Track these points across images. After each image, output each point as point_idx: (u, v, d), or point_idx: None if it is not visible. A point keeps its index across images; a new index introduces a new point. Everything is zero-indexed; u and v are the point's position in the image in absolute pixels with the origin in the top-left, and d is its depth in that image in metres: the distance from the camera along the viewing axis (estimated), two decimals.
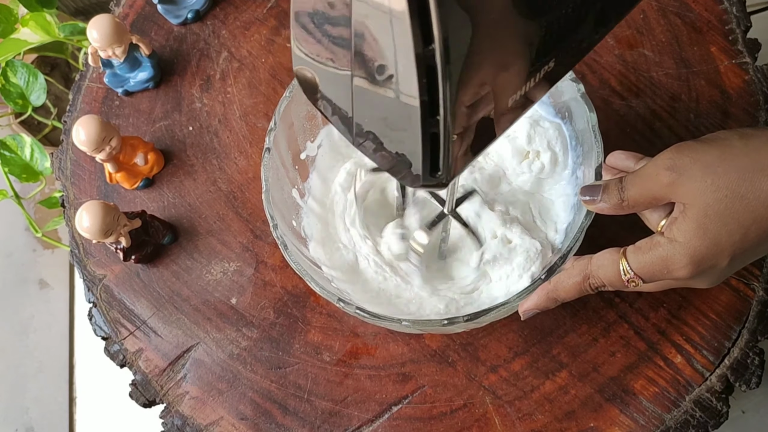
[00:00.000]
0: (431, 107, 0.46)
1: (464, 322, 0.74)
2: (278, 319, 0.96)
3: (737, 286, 0.90)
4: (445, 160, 0.51)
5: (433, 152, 0.50)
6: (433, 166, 0.51)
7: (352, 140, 0.57)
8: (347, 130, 0.56)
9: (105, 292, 1.01)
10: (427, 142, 0.49)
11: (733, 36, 1.01)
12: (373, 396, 0.91)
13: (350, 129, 0.56)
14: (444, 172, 0.52)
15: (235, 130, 1.06)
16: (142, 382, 0.96)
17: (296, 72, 0.59)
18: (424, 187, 0.54)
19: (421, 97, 0.46)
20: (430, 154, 0.50)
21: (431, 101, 0.46)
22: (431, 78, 0.44)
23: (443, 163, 0.51)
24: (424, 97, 0.46)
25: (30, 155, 1.40)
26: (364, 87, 0.50)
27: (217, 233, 1.01)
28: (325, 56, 0.53)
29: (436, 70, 0.44)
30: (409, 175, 0.54)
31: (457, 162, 0.53)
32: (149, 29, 1.14)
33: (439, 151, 0.50)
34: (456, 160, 0.52)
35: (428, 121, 0.47)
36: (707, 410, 0.86)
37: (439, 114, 0.47)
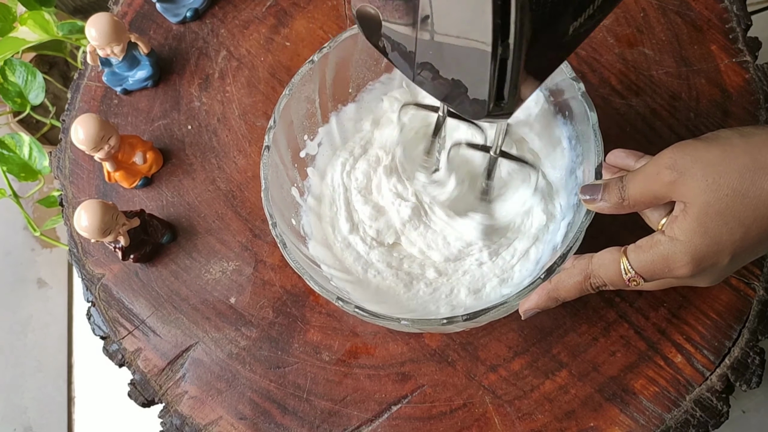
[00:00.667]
0: (503, 31, 0.47)
1: (463, 321, 0.73)
2: (277, 318, 0.95)
3: (738, 285, 0.90)
4: (511, 88, 0.51)
5: (500, 79, 0.50)
6: (499, 93, 0.52)
7: (413, 74, 0.57)
8: (408, 65, 0.57)
9: (104, 292, 1.01)
10: (496, 68, 0.49)
11: (734, 34, 1.01)
12: (372, 395, 0.91)
13: (411, 63, 0.56)
14: (509, 100, 0.52)
15: (234, 129, 1.06)
16: (141, 382, 0.96)
17: (357, 11, 0.59)
18: (489, 116, 0.54)
19: (494, 20, 0.46)
20: (498, 81, 0.50)
21: (503, 25, 0.46)
22: (504, 2, 0.45)
23: (509, 91, 0.51)
24: (497, 20, 0.46)
25: (28, 154, 1.40)
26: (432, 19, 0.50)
27: (216, 232, 1.01)
28: None
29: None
30: (471, 105, 0.54)
31: (523, 89, 0.53)
32: (148, 28, 1.14)
33: (505, 78, 0.50)
34: (522, 87, 0.52)
35: (498, 45, 0.47)
36: (708, 410, 0.86)
37: (509, 38, 0.47)
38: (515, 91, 0.51)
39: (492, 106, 0.53)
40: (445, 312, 0.85)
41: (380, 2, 0.56)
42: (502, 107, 0.53)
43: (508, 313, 0.80)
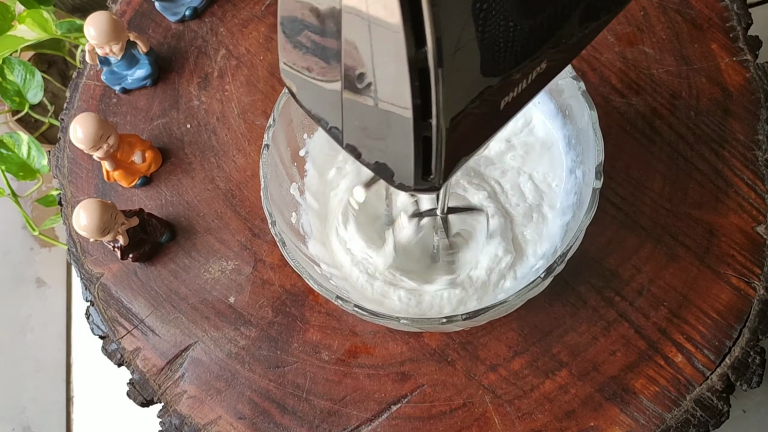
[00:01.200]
0: (423, 110, 0.46)
1: (463, 320, 0.73)
2: (277, 318, 0.95)
3: (738, 284, 0.90)
4: (437, 163, 0.50)
5: (425, 156, 0.50)
6: (426, 169, 0.51)
7: (342, 143, 0.56)
8: (338, 134, 0.56)
9: (102, 291, 1.01)
10: (420, 145, 0.48)
11: (734, 33, 1.01)
12: (372, 395, 0.91)
13: (339, 138, 0.56)
14: (436, 175, 0.51)
15: (233, 127, 1.06)
16: (140, 381, 0.96)
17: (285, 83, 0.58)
18: (416, 190, 0.53)
19: (414, 101, 0.45)
20: (423, 158, 0.50)
21: (423, 104, 0.45)
22: (423, 81, 0.44)
23: (435, 167, 0.50)
24: (417, 100, 0.45)
25: (27, 153, 1.40)
26: (353, 98, 0.50)
27: (215, 232, 1.01)
28: (312, 68, 0.53)
29: (429, 72, 0.43)
30: (398, 179, 0.53)
31: (450, 164, 0.52)
32: (147, 26, 1.14)
33: (431, 155, 0.49)
34: (448, 162, 0.51)
35: (420, 124, 0.47)
36: (708, 409, 0.86)
37: (431, 116, 0.46)
38: (442, 166, 0.51)
39: (420, 182, 0.52)
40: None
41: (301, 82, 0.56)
42: (430, 181, 0.52)
43: (507, 312, 0.80)
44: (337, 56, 0.49)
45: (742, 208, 0.93)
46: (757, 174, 0.94)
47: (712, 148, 0.96)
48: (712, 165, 0.95)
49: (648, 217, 0.93)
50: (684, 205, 0.93)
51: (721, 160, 0.95)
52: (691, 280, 0.91)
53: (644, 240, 0.92)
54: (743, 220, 0.92)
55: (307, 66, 0.54)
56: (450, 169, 0.52)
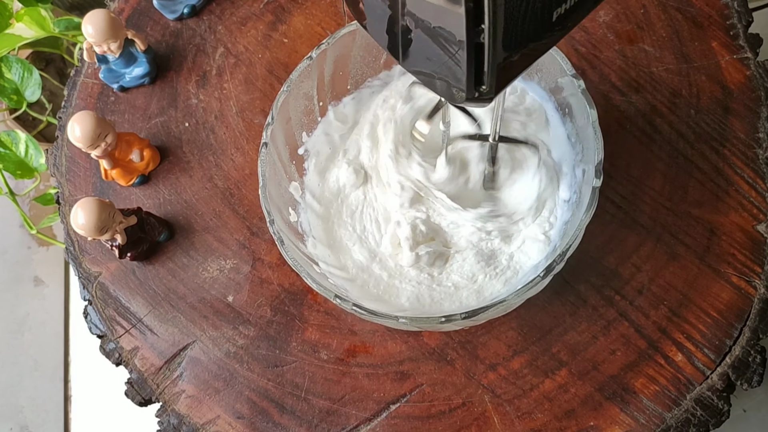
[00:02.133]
0: (476, 15, 0.46)
1: (462, 319, 0.73)
2: (275, 317, 0.95)
3: (739, 283, 0.90)
4: (489, 74, 0.50)
5: (477, 63, 0.49)
6: (478, 78, 0.51)
7: (400, 55, 0.56)
8: (395, 47, 0.56)
9: (100, 290, 1.00)
10: (472, 52, 0.48)
11: (735, 31, 1.01)
12: (371, 395, 0.91)
13: (396, 44, 0.56)
14: (489, 85, 0.51)
15: (232, 126, 1.06)
16: (138, 381, 0.96)
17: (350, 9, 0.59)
18: (468, 101, 0.53)
19: (467, 4, 0.45)
20: (476, 66, 0.50)
21: (476, 8, 0.45)
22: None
23: (488, 76, 0.50)
24: (469, 4, 0.45)
25: (25, 151, 1.39)
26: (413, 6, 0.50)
27: (213, 230, 1.01)
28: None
29: None
30: (453, 90, 0.53)
31: (503, 75, 0.52)
32: (145, 24, 1.14)
33: (483, 64, 0.49)
34: (500, 73, 0.51)
35: (473, 30, 0.47)
36: (708, 409, 0.86)
37: (484, 23, 0.46)
38: (494, 77, 0.51)
39: (472, 92, 0.52)
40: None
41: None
42: (483, 92, 0.52)
43: (507, 311, 0.80)
44: None
45: (743, 206, 0.93)
46: (757, 172, 0.94)
47: (712, 147, 0.96)
48: (712, 163, 0.95)
49: (648, 215, 0.93)
50: (684, 203, 0.93)
51: (722, 158, 0.95)
52: (691, 278, 0.90)
53: (644, 239, 0.92)
54: (744, 219, 0.92)
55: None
56: (502, 80, 0.52)
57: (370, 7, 0.57)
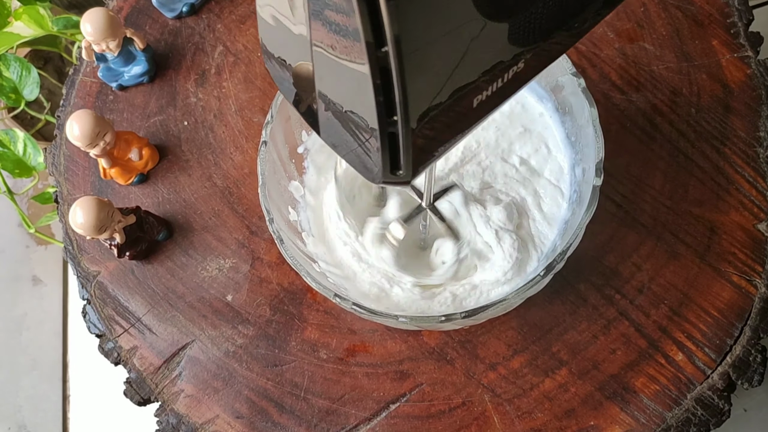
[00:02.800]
0: (387, 108, 0.45)
1: (462, 318, 0.73)
2: (274, 316, 0.95)
3: (739, 282, 0.90)
4: (406, 159, 0.50)
5: (392, 151, 0.49)
6: (394, 164, 0.51)
7: (319, 131, 0.56)
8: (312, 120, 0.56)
9: (99, 289, 1.00)
10: (386, 140, 0.48)
11: (735, 29, 1.01)
12: (370, 394, 0.91)
13: (314, 120, 0.56)
14: (405, 170, 0.51)
15: (231, 125, 1.05)
16: (137, 380, 0.96)
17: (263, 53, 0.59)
18: (385, 183, 0.53)
19: (377, 98, 0.45)
20: (390, 153, 0.49)
21: (387, 102, 0.45)
22: (386, 79, 0.43)
23: (404, 162, 0.50)
24: (380, 98, 0.45)
25: (23, 150, 1.39)
26: (326, 93, 0.50)
27: (212, 229, 1.00)
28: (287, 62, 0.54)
29: (390, 72, 0.43)
30: (371, 170, 0.53)
31: (419, 160, 0.52)
32: (144, 23, 1.14)
33: (398, 151, 0.49)
34: (416, 158, 0.51)
35: (385, 121, 0.46)
36: (709, 408, 0.86)
37: (396, 114, 0.46)
38: (410, 162, 0.50)
39: (389, 176, 0.52)
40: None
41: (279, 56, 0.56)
42: (400, 176, 0.52)
43: (507, 310, 0.80)
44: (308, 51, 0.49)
45: (743, 205, 0.93)
46: (758, 171, 0.94)
47: (712, 145, 0.96)
48: (712, 162, 0.95)
49: (648, 214, 0.93)
50: (685, 202, 0.93)
51: (722, 157, 0.95)
52: (691, 277, 0.90)
53: (645, 238, 0.92)
54: (744, 218, 0.92)
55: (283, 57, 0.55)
56: (418, 164, 0.52)
57: (279, 80, 0.58)
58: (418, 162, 0.51)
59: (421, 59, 0.43)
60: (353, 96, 0.48)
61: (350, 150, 0.54)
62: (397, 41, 0.41)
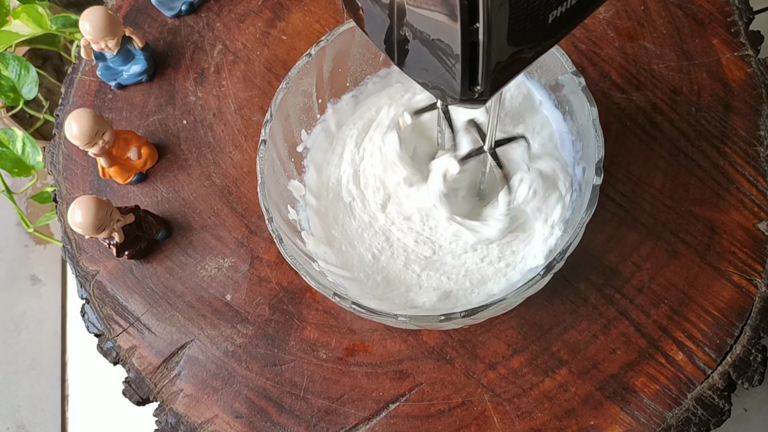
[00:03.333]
0: (471, 13, 0.45)
1: (461, 317, 0.73)
2: (274, 315, 0.95)
3: (740, 282, 0.90)
4: (484, 73, 0.50)
5: (472, 63, 0.49)
6: (473, 78, 0.51)
7: (396, 60, 0.56)
8: (391, 47, 0.56)
9: (98, 289, 1.00)
10: (467, 51, 0.48)
11: (736, 28, 1.01)
12: (369, 394, 0.91)
13: (392, 46, 0.56)
14: (483, 85, 0.51)
15: (230, 123, 1.05)
16: (136, 380, 0.96)
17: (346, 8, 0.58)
18: (462, 102, 0.53)
19: (461, 2, 0.45)
20: (470, 65, 0.49)
21: (471, 6, 0.45)
22: None
23: (482, 76, 0.50)
24: (464, 1, 0.45)
25: (22, 149, 1.39)
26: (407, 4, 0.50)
27: (211, 229, 1.00)
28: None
29: None
30: (447, 90, 0.53)
31: (497, 77, 0.52)
32: (142, 21, 1.14)
33: (478, 63, 0.49)
34: (496, 73, 0.51)
35: (467, 29, 0.46)
36: (709, 408, 0.86)
37: (478, 21, 0.46)
38: (488, 78, 0.50)
39: (466, 92, 0.52)
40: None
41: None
42: (477, 93, 0.52)
43: (506, 309, 0.80)
44: None
45: (744, 204, 0.93)
46: (758, 170, 0.94)
47: (713, 144, 0.95)
48: (713, 161, 0.95)
49: (648, 213, 0.93)
50: (685, 201, 0.93)
51: (723, 156, 0.95)
52: (692, 277, 0.90)
53: (645, 237, 0.92)
54: (744, 217, 0.92)
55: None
56: (497, 82, 0.52)
57: (369, 14, 0.57)
58: (495, 76, 0.51)
59: None
60: (440, 15, 0.48)
61: (429, 79, 0.54)
62: None
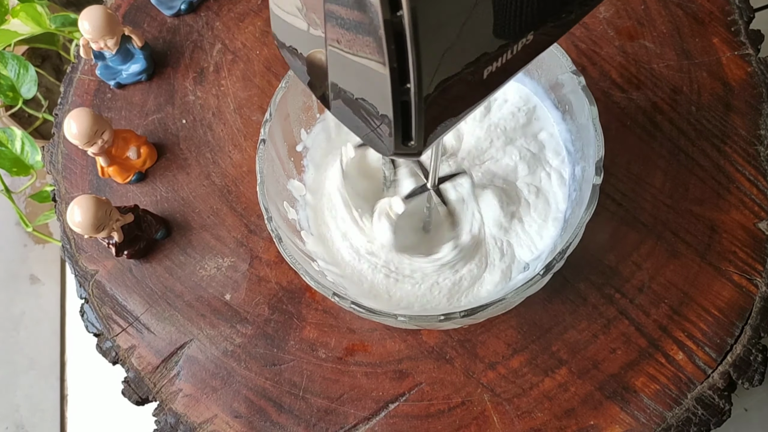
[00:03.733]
0: (401, 75, 0.46)
1: (461, 317, 0.73)
2: (273, 315, 0.95)
3: (740, 281, 0.90)
4: (417, 129, 0.50)
5: (404, 120, 0.49)
6: (405, 134, 0.51)
7: (330, 108, 0.56)
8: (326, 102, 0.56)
9: (97, 288, 1.00)
10: (398, 110, 0.48)
11: (736, 27, 1.01)
12: (369, 393, 0.91)
13: (328, 103, 0.56)
14: (417, 140, 0.51)
15: (229, 123, 1.05)
16: (135, 380, 0.96)
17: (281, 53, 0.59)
18: (396, 155, 0.53)
19: (390, 65, 0.45)
20: (402, 123, 0.50)
21: (401, 69, 0.45)
22: (400, 45, 0.44)
23: (416, 132, 0.50)
24: (393, 65, 0.45)
25: (21, 148, 1.39)
26: (338, 58, 0.50)
27: (210, 228, 1.01)
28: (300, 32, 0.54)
29: (405, 37, 0.43)
30: (382, 143, 0.53)
31: (429, 130, 0.52)
32: (142, 21, 1.14)
33: (410, 120, 0.49)
34: (427, 128, 0.51)
35: (398, 89, 0.47)
36: (709, 408, 0.86)
37: (409, 82, 0.46)
38: (422, 132, 0.51)
39: (400, 146, 0.52)
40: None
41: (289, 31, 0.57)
42: (411, 147, 0.52)
43: (506, 309, 0.80)
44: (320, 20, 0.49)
45: (744, 204, 0.93)
46: (758, 170, 0.94)
47: (713, 144, 0.96)
48: (713, 161, 0.95)
49: (649, 213, 0.93)
50: (685, 201, 0.93)
51: (723, 155, 0.95)
52: (692, 276, 0.91)
53: (645, 236, 0.92)
54: (745, 217, 0.92)
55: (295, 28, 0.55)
56: (430, 134, 0.52)
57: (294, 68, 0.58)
58: (428, 132, 0.51)
59: (434, 24, 0.44)
60: (365, 81, 0.48)
61: (361, 123, 0.54)
62: (413, 7, 0.42)
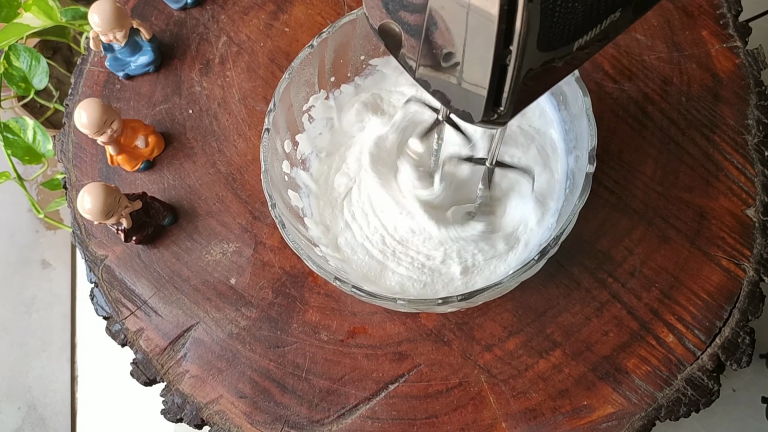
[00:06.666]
0: (507, 36, 0.46)
1: (458, 301, 0.75)
2: (277, 299, 0.97)
3: (728, 266, 0.91)
4: (509, 96, 0.51)
5: (499, 86, 0.50)
6: (496, 100, 0.52)
7: (414, 70, 0.57)
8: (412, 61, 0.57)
9: (106, 273, 1.02)
10: (495, 73, 0.49)
11: (724, 20, 1.01)
12: (370, 374, 0.92)
13: (415, 59, 0.56)
14: (506, 108, 0.52)
15: (234, 113, 1.07)
16: (143, 361, 0.98)
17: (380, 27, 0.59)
18: (482, 122, 0.54)
19: (500, 25, 0.46)
20: (496, 87, 0.50)
21: (507, 30, 0.46)
22: (512, 6, 0.45)
23: (506, 99, 0.51)
24: (502, 25, 0.46)
25: (32, 138, 1.40)
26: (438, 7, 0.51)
27: (216, 214, 1.02)
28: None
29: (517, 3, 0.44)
30: (468, 109, 0.54)
31: (521, 98, 0.53)
32: (150, 14, 1.15)
33: (504, 86, 0.50)
34: (520, 95, 0.52)
35: (501, 51, 0.47)
36: (699, 388, 0.88)
37: (512, 44, 0.47)
38: (513, 99, 0.51)
39: (488, 112, 0.53)
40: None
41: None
42: (498, 114, 0.53)
43: (502, 293, 0.81)
44: None
45: (732, 191, 0.94)
46: (746, 158, 0.95)
47: (702, 133, 0.97)
48: (702, 149, 0.96)
49: (640, 200, 0.95)
50: (675, 188, 0.95)
51: (712, 144, 0.96)
52: (682, 261, 0.92)
53: (636, 222, 0.94)
54: (733, 203, 0.94)
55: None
56: (520, 102, 0.53)
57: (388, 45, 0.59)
58: (519, 100, 0.52)
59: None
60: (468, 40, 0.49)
61: (449, 88, 0.55)
62: None
